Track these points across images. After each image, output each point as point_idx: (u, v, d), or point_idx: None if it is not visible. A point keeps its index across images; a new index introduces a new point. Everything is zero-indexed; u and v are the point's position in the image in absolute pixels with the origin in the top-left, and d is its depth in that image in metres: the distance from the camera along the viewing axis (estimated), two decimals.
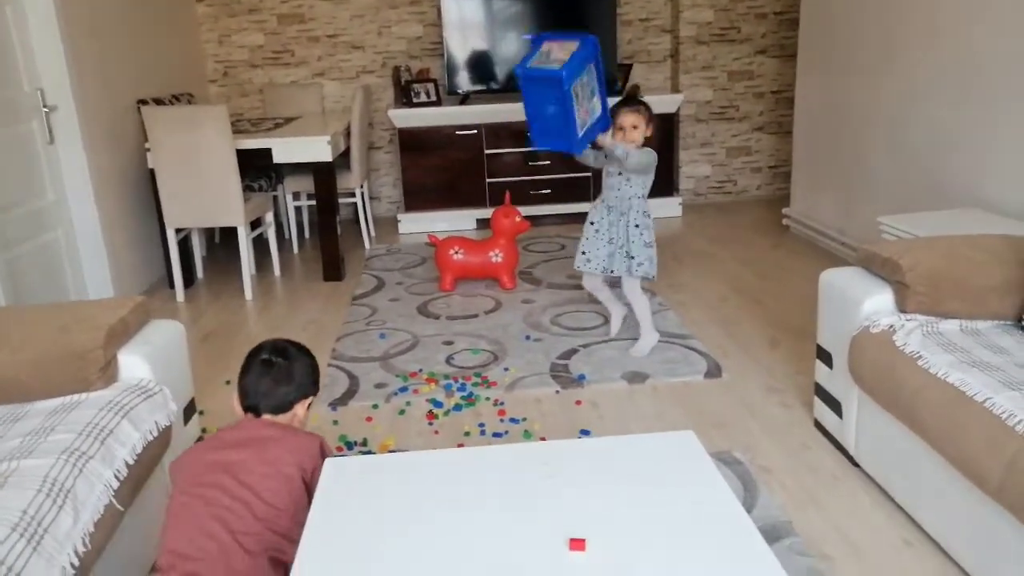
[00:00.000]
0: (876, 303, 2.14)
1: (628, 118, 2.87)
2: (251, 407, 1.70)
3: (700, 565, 1.18)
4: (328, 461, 1.52)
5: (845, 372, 2.19)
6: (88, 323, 1.98)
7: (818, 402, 2.43)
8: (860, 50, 3.98)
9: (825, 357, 2.36)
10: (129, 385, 1.92)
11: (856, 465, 2.24)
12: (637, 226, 2.96)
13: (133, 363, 1.97)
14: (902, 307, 2.10)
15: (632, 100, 2.95)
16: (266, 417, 1.69)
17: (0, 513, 1.38)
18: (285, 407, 1.70)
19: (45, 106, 3.42)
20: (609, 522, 1.28)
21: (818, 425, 2.46)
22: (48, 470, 1.53)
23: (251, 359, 1.73)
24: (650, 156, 2.88)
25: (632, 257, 2.96)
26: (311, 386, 1.75)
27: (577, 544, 1.22)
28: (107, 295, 3.69)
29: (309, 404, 1.75)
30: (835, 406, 2.31)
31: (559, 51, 2.49)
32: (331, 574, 1.17)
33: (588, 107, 2.62)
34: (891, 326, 2.04)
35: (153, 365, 2.00)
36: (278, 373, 1.69)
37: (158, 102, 4.23)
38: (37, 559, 1.36)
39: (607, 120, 2.78)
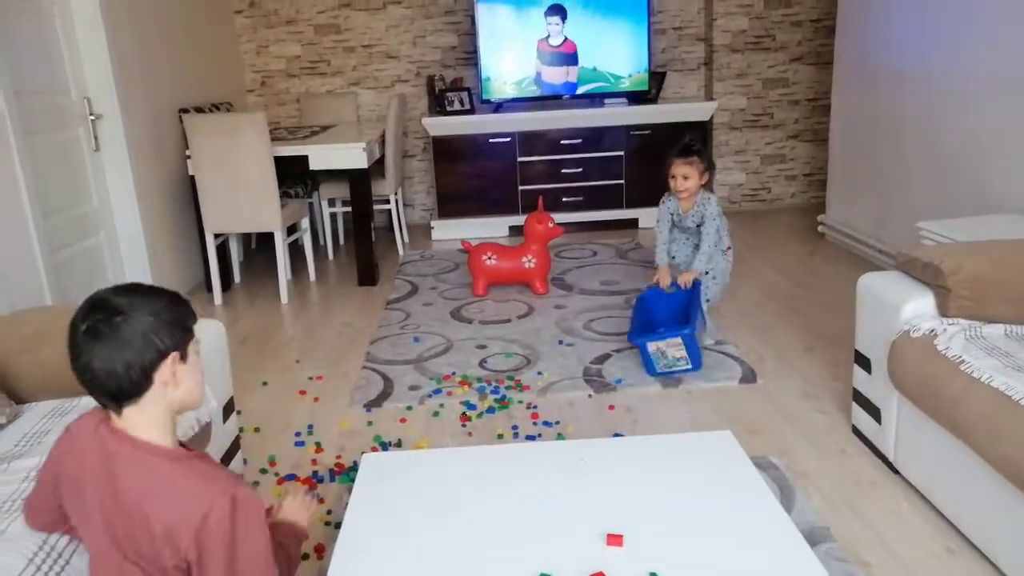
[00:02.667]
0: (916, 307, 2.10)
1: (680, 169, 3.17)
2: (100, 400, 1.21)
3: (740, 563, 1.17)
4: (366, 457, 1.52)
5: (884, 377, 2.16)
6: None
7: (856, 408, 2.40)
8: (897, 56, 3.93)
9: (863, 362, 2.32)
10: None
11: (895, 472, 2.20)
12: (707, 272, 3.22)
13: None
14: (944, 311, 2.07)
15: (686, 151, 3.18)
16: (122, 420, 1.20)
17: None
18: (138, 384, 1.17)
19: (91, 114, 3.52)
20: (646, 518, 1.28)
21: (856, 431, 2.43)
22: None
23: (70, 333, 1.18)
24: (713, 212, 3.16)
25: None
26: (170, 332, 1.19)
27: (615, 540, 1.22)
28: None
29: (180, 357, 1.22)
30: (874, 412, 2.28)
31: (673, 350, 2.86)
32: (369, 566, 1.19)
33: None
34: (932, 330, 2.01)
35: None
36: (107, 340, 1.15)
37: (198, 111, 4.32)
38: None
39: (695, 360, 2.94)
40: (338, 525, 1.89)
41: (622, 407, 2.73)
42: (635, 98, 5.28)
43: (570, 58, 5.21)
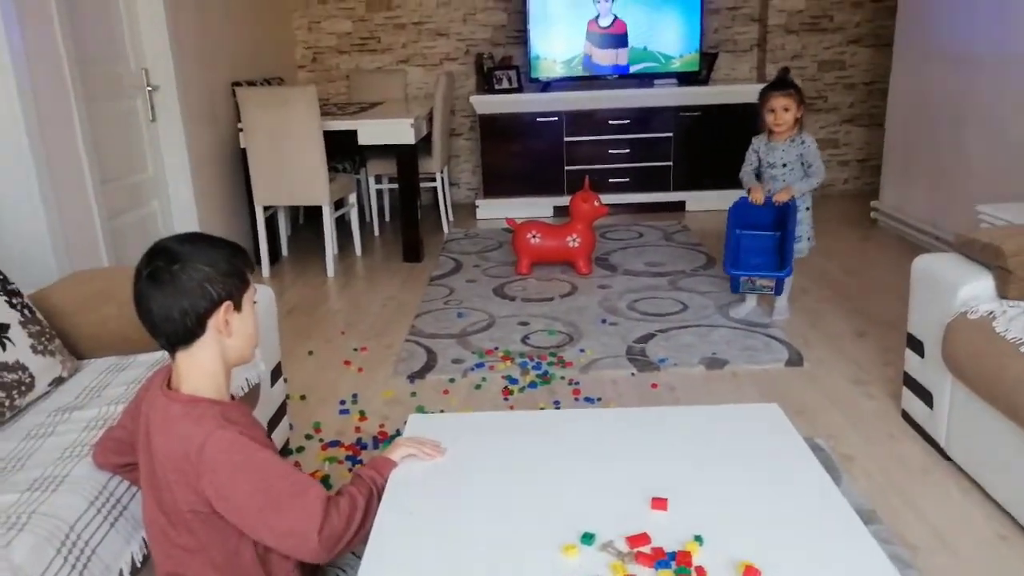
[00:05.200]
0: (973, 289, 2.05)
1: (779, 101, 3.06)
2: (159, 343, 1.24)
3: (788, 532, 1.16)
4: (412, 417, 1.54)
5: (938, 361, 2.11)
6: None
7: (907, 392, 2.35)
8: (960, 38, 3.80)
9: (916, 346, 2.27)
10: None
11: (946, 457, 2.15)
12: (800, 208, 3.15)
13: None
14: (1003, 293, 2.01)
15: (782, 83, 3.09)
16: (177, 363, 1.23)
17: None
18: (192, 331, 1.20)
19: (149, 85, 3.59)
20: (691, 485, 1.27)
21: (906, 416, 2.37)
22: None
23: (134, 279, 1.22)
24: (817, 157, 3.14)
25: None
26: (224, 282, 1.22)
27: (659, 504, 1.22)
28: None
29: (235, 307, 1.24)
30: (925, 396, 2.22)
31: (763, 281, 3.14)
32: (411, 526, 1.20)
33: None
34: (991, 312, 1.95)
35: None
36: (165, 287, 1.18)
37: (250, 85, 4.38)
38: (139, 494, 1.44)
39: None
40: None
41: (665, 386, 2.71)
42: (685, 79, 5.20)
43: (620, 39, 5.15)
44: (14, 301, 1.76)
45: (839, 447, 2.26)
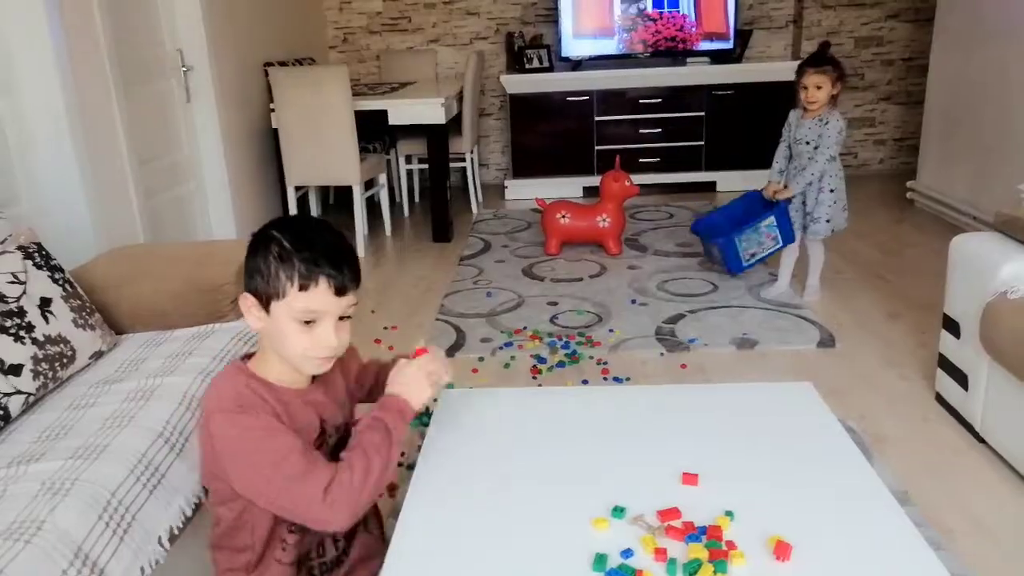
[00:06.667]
0: (1015, 269, 2.00)
1: (812, 79, 2.97)
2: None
3: (819, 508, 1.15)
4: (445, 392, 1.55)
5: (975, 342, 2.07)
6: (221, 259, 2.12)
7: (941, 374, 2.31)
8: (1006, 12, 3.69)
9: (952, 327, 2.23)
10: None
11: (981, 440, 2.12)
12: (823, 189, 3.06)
13: None
14: None
15: (818, 59, 2.99)
16: None
17: (148, 422, 1.51)
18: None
19: (183, 66, 3.63)
20: (723, 461, 1.27)
21: (940, 399, 2.34)
22: (187, 387, 1.65)
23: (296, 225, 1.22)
24: (829, 139, 2.97)
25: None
26: (260, 282, 1.20)
27: (690, 479, 1.22)
28: None
29: (261, 305, 1.21)
30: (961, 378, 2.19)
31: (767, 237, 3.26)
32: (443, 499, 1.21)
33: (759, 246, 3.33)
34: None
35: None
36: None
37: (282, 65, 4.41)
38: (180, 463, 1.48)
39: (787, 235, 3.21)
40: (411, 467, 1.94)
41: (695, 366, 2.70)
42: (718, 57, 5.12)
43: (652, 16, 5.09)
44: (56, 276, 1.80)
45: (871, 428, 2.24)
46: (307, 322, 1.18)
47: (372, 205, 4.71)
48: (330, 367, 1.26)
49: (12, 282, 1.68)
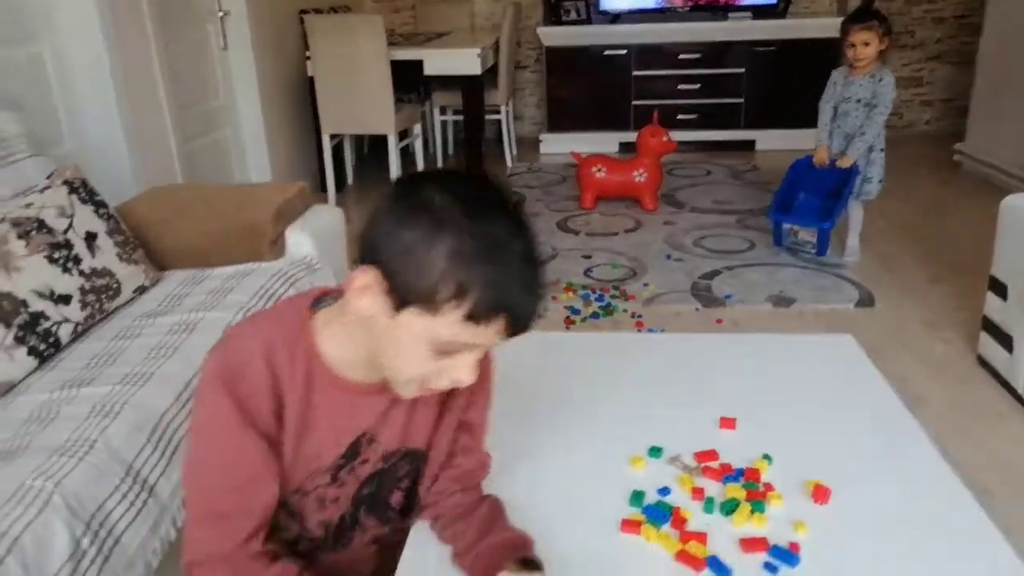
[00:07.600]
0: None
1: (859, 36, 2.91)
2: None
3: (859, 454, 1.14)
4: None
5: (1022, 304, 2.02)
6: (260, 201, 2.13)
7: (985, 337, 2.27)
8: None
9: (999, 288, 2.18)
10: (295, 259, 2.06)
11: None
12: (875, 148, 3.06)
13: (299, 240, 2.11)
14: None
15: (864, 15, 2.94)
16: None
17: (192, 353, 1.54)
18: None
19: (220, 10, 3.62)
20: (761, 408, 1.26)
21: (982, 361, 2.30)
22: (228, 321, 1.68)
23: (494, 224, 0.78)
24: (887, 97, 2.94)
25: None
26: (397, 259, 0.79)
27: (728, 423, 1.22)
28: None
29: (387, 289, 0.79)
30: (1005, 341, 2.15)
31: (805, 234, 3.25)
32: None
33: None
34: None
35: (316, 243, 2.12)
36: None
37: (318, 12, 4.37)
38: None
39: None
40: None
41: (730, 321, 2.68)
42: (761, 12, 4.98)
43: None
44: (100, 211, 1.83)
45: (910, 389, 2.21)
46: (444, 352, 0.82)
47: (406, 155, 4.68)
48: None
49: (60, 215, 1.70)
